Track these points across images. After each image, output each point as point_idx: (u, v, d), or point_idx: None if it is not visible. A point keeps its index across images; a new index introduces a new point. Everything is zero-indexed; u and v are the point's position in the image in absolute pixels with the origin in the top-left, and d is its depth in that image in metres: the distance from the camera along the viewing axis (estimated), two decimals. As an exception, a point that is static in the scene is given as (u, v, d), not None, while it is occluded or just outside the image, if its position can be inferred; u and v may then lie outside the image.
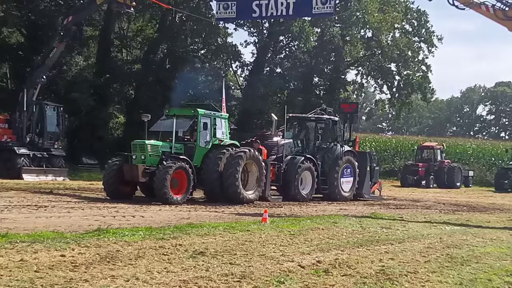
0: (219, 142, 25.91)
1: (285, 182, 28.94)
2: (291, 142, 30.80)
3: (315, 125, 31.92)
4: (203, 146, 25.47)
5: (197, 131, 25.31)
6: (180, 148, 24.99)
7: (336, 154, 31.05)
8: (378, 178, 35.47)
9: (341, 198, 30.76)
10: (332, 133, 31.96)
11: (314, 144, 31.50)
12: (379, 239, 15.44)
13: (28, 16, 44.76)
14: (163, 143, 24.78)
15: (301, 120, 32.97)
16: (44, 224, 15.24)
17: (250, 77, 57.58)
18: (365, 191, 32.87)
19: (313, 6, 31.57)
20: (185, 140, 25.58)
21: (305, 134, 32.05)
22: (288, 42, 58.29)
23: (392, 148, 71.59)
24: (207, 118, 25.61)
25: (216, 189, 25.34)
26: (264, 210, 19.19)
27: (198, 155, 25.28)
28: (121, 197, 23.85)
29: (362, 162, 32.53)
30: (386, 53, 56.50)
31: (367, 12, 51.45)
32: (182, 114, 25.85)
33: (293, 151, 30.40)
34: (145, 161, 23.95)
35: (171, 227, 15.45)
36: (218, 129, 26.10)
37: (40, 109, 36.92)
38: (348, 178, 31.45)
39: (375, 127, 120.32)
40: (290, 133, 31.72)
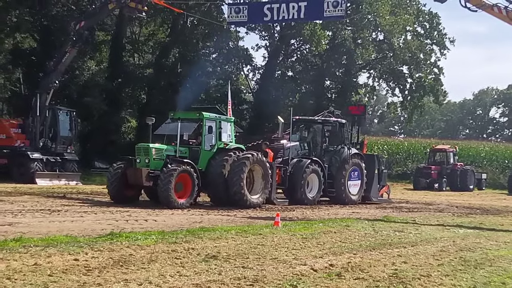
0: (225, 145, 25.62)
1: (291, 185, 28.73)
2: (298, 145, 30.54)
3: (322, 128, 31.68)
4: (208, 150, 25.22)
5: (202, 135, 25.10)
6: (185, 152, 24.81)
7: (343, 157, 30.82)
8: (387, 181, 35.14)
9: (348, 201, 30.50)
10: (339, 135, 31.65)
11: (321, 146, 31.32)
12: (391, 243, 15.41)
13: (40, 22, 44.97)
14: (167, 146, 24.66)
15: (308, 122, 32.75)
16: (57, 228, 15.29)
17: (262, 80, 57.63)
18: (373, 194, 32.71)
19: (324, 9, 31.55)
20: (190, 144, 25.36)
21: (312, 137, 31.86)
22: (299, 46, 58.32)
23: (404, 151, 71.34)
24: (212, 121, 25.37)
25: (221, 193, 25.07)
26: (276, 213, 19.18)
27: (203, 159, 25.06)
28: (125, 201, 23.75)
29: (370, 165, 32.34)
30: (398, 56, 56.38)
31: (378, 15, 51.38)
32: (187, 117, 25.50)
33: (299, 154, 30.17)
34: (149, 164, 23.83)
35: (183, 231, 15.47)
36: (224, 133, 25.83)
37: (53, 114, 37.08)
38: (356, 181, 31.18)
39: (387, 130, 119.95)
40: (297, 136, 31.48)
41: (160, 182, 22.94)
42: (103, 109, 46.29)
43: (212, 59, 56.25)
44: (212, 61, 56.15)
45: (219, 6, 50.79)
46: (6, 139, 35.12)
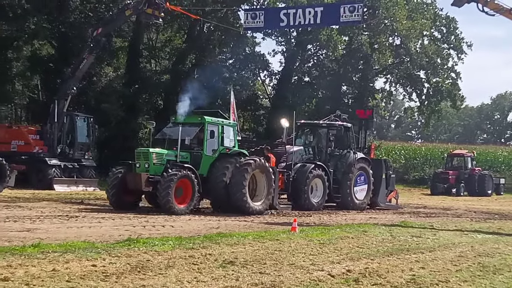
0: (227, 150, 24.90)
1: (295, 190, 28.27)
2: (302, 149, 30.18)
3: (327, 132, 31.23)
4: (210, 155, 24.54)
5: (204, 139, 24.44)
6: (186, 157, 24.18)
7: (349, 161, 30.39)
8: (395, 186, 34.44)
9: (354, 206, 30.03)
10: (345, 139, 31.23)
11: (326, 151, 30.74)
12: (409, 248, 15.36)
13: (58, 29, 45.24)
14: (168, 151, 24.05)
15: (312, 126, 32.47)
16: (75, 234, 15.35)
17: (278, 86, 57.65)
18: (381, 200, 32.13)
19: (341, 15, 31.59)
20: (192, 149, 24.67)
21: (317, 141, 31.53)
22: (316, 51, 58.30)
23: (421, 156, 71.13)
24: (215, 126, 24.73)
25: (222, 199, 24.37)
26: (294, 219, 19.16)
27: (205, 164, 24.44)
28: (125, 207, 23.26)
29: (377, 170, 31.84)
30: (415, 61, 56.23)
31: (395, 20, 51.28)
32: (189, 121, 24.97)
33: (303, 159, 29.74)
34: (149, 169, 23.23)
35: (200, 236, 15.49)
36: (226, 138, 25.14)
37: (70, 120, 37.27)
38: (362, 186, 30.67)
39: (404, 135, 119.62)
40: (301, 140, 31.22)
41: (159, 188, 22.45)
42: (120, 115, 46.47)
43: (228, 65, 56.35)
44: (229, 66, 56.25)
45: (236, 12, 50.93)
46: (25, 145, 35.32)
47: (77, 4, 47.01)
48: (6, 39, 45.61)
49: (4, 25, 44.87)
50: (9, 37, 45.62)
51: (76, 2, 46.92)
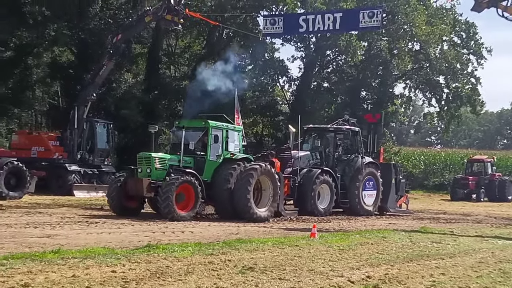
0: (231, 156, 24.42)
1: (301, 196, 27.94)
2: (308, 154, 29.84)
3: (334, 136, 30.84)
4: (214, 160, 24.11)
5: (208, 144, 23.97)
6: (190, 162, 23.76)
7: (357, 166, 29.95)
8: (405, 191, 33.94)
9: (363, 212, 29.55)
10: (353, 144, 30.88)
11: (333, 156, 30.37)
12: (429, 254, 15.31)
13: (78, 35, 45.47)
14: (171, 156, 23.73)
15: (319, 131, 32.15)
16: (95, 240, 15.42)
17: (297, 92, 57.61)
18: (390, 205, 31.53)
19: (360, 20, 31.51)
20: (196, 153, 24.22)
21: (325, 146, 31.03)
22: (335, 57, 58.21)
23: (441, 162, 70.86)
24: (219, 130, 24.30)
25: (226, 205, 23.86)
26: (313, 225, 19.14)
27: (208, 169, 23.98)
28: (127, 213, 22.88)
29: (387, 174, 31.29)
30: (434, 66, 56.00)
31: (414, 25, 51.09)
32: (193, 125, 24.44)
33: (310, 164, 29.40)
34: (151, 174, 22.85)
35: (220, 242, 15.51)
36: (231, 142, 24.68)
37: (90, 126, 37.41)
38: (371, 191, 30.21)
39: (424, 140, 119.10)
40: (308, 145, 30.89)
41: (160, 193, 22.05)
42: (139, 121, 46.56)
43: (247, 71, 56.37)
44: (248, 72, 56.26)
45: (255, 18, 50.95)
46: (45, 151, 35.48)
47: (97, 11, 47.22)
48: (27, 46, 45.90)
49: (25, 32, 45.13)
50: (30, 44, 45.91)
51: (96, 9, 47.13)
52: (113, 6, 49.09)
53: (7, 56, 45.65)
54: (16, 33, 44.39)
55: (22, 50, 45.67)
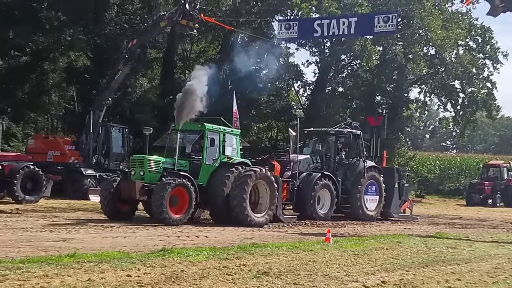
0: (228, 159, 23.77)
1: (300, 200, 27.30)
2: (309, 158, 29.19)
3: (335, 140, 30.04)
4: (210, 164, 23.43)
5: (204, 147, 23.37)
6: (185, 165, 23.20)
7: (358, 170, 29.35)
8: (408, 196, 33.24)
9: (365, 217, 28.84)
10: (355, 147, 30.26)
11: (334, 159, 29.70)
12: (444, 259, 15.26)
13: (94, 40, 45.70)
14: (165, 158, 23.10)
15: (320, 134, 31.42)
16: (110, 244, 15.46)
17: (312, 96, 57.64)
18: (394, 210, 30.85)
19: (375, 25, 31.48)
20: (192, 157, 23.74)
21: (326, 150, 30.44)
22: (350, 61, 58.21)
23: (457, 167, 70.65)
24: (216, 133, 23.70)
25: (222, 210, 23.18)
26: (328, 230, 19.12)
27: (204, 173, 23.31)
28: (120, 217, 22.31)
29: (389, 179, 30.53)
30: (449, 71, 55.89)
31: (430, 30, 50.99)
32: (189, 128, 23.96)
33: (310, 168, 28.82)
34: (144, 177, 22.27)
35: (234, 247, 15.52)
36: (228, 146, 24.01)
37: (106, 130, 37.52)
38: (373, 195, 29.51)
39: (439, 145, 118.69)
40: (309, 149, 30.29)
41: (153, 196, 21.48)
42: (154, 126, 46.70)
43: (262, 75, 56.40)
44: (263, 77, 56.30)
45: (269, 22, 51.07)
46: (61, 156, 35.63)
47: (112, 16, 47.45)
48: (43, 51, 46.25)
49: (41, 37, 45.49)
50: (46, 49, 46.25)
51: (111, 14, 47.37)
52: (129, 11, 49.31)
53: (23, 61, 46.07)
54: (32, 38, 44.77)
55: (39, 55, 46.04)
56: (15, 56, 46.56)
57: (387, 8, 49.11)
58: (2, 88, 45.15)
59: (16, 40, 44.28)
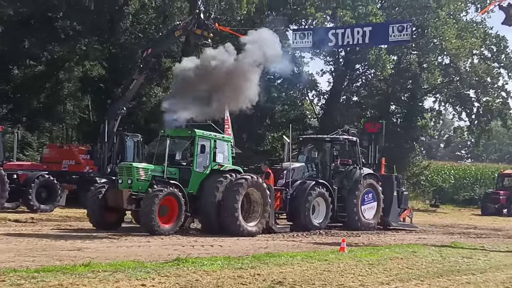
0: (219, 167, 23.00)
1: (293, 209, 26.24)
2: (303, 166, 28.15)
3: (330, 147, 28.92)
4: (200, 171, 22.67)
5: (194, 154, 22.56)
6: (174, 173, 22.43)
7: (355, 178, 28.35)
8: (408, 204, 32.35)
9: (362, 226, 27.87)
10: (351, 155, 29.31)
11: (329, 167, 28.58)
12: (460, 269, 15.19)
13: (109, 50, 45.92)
14: (154, 166, 22.33)
15: (316, 141, 30.74)
16: (125, 254, 15.50)
17: (327, 105, 57.67)
18: (393, 219, 29.79)
19: (389, 34, 31.53)
20: (182, 164, 22.93)
21: (321, 157, 29.42)
22: (364, 70, 58.21)
23: (471, 176, 70.33)
24: (206, 140, 22.87)
25: (213, 219, 22.44)
26: (342, 239, 19.09)
27: (194, 181, 22.54)
28: (107, 227, 21.80)
29: (388, 187, 29.52)
30: (464, 80, 55.77)
31: (444, 39, 50.88)
32: (178, 135, 23.50)
33: (305, 176, 27.71)
34: (132, 186, 21.49)
35: (249, 256, 15.51)
36: (219, 153, 23.24)
37: (120, 140, 37.59)
38: (371, 204, 28.52)
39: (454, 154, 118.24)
40: (304, 157, 29.50)
41: (142, 205, 20.80)
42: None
43: (277, 85, 56.47)
44: (277, 86, 56.36)
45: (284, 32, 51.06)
46: (75, 165, 35.71)
47: (127, 26, 47.67)
48: (58, 60, 46.51)
49: (56, 47, 45.74)
50: (61, 58, 46.51)
51: (126, 24, 47.58)
52: (144, 21, 49.48)
53: (39, 70, 46.34)
54: (48, 47, 45.04)
55: (54, 64, 46.32)
56: (30, 65, 46.85)
57: (401, 17, 49.16)
58: (18, 98, 45.51)
59: (31, 49, 44.56)
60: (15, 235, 19.29)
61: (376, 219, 29.02)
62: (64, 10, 44.47)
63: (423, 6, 51.25)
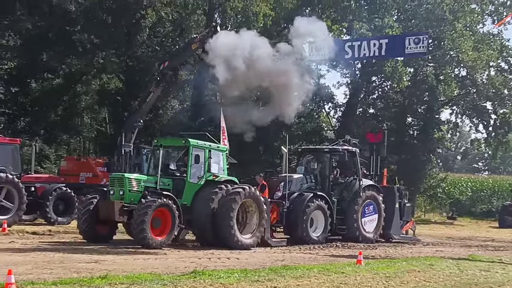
0: (214, 177, 22.53)
1: (290, 222, 25.49)
2: (301, 177, 27.43)
3: (329, 158, 28.21)
4: (195, 182, 22.16)
5: (188, 165, 22.07)
6: (168, 184, 21.97)
7: (355, 189, 27.64)
8: (410, 216, 31.63)
9: (363, 239, 27.14)
10: (351, 166, 28.47)
11: (328, 179, 27.82)
12: (477, 283, 15.13)
13: (126, 63, 46.15)
14: (147, 177, 21.99)
15: (314, 152, 30.29)
16: (141, 266, 15.54)
17: (343, 118, 57.58)
18: (394, 231, 29.17)
19: (405, 46, 31.48)
20: (175, 175, 22.50)
21: (321, 169, 28.55)
22: (380, 83, 58.09)
23: (489, 188, 69.95)
24: (201, 150, 22.40)
25: (207, 231, 22.01)
26: (359, 252, 19.05)
27: (188, 192, 22.07)
28: (98, 240, 21.43)
29: (389, 198, 28.89)
30: (481, 92, 55.53)
31: (461, 51, 50.74)
32: (171, 144, 23.24)
33: (303, 188, 27.04)
34: (124, 197, 21.00)
35: (266, 269, 15.52)
36: (214, 163, 22.68)
37: (137, 152, 37.69)
38: (371, 216, 27.82)
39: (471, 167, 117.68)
40: (302, 168, 28.70)
41: (134, 217, 20.28)
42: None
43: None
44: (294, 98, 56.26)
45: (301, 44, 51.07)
46: (93, 177, 35.81)
47: (144, 39, 47.90)
48: (76, 73, 46.85)
49: (74, 60, 46.05)
50: (79, 71, 46.85)
51: (143, 37, 47.81)
52: (160, 34, 49.69)
53: (56, 83, 46.68)
54: (65, 61, 45.42)
55: (71, 77, 46.70)
56: (48, 78, 47.27)
57: (418, 29, 49.00)
58: (36, 111, 45.85)
59: (49, 62, 44.97)
60: (32, 248, 19.40)
61: (377, 232, 28.36)
62: (81, 23, 44.88)
63: (440, 18, 51.12)
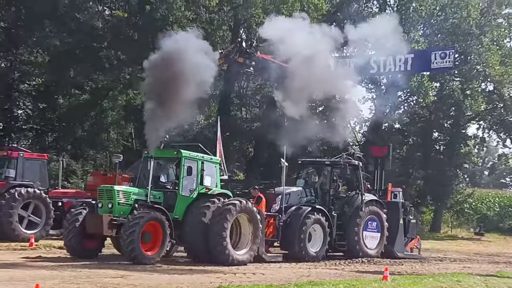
0: (207, 190, 21.82)
1: (287, 237, 24.63)
2: (300, 191, 26.78)
3: (330, 171, 27.42)
4: (187, 195, 21.51)
5: (180, 177, 21.45)
6: (159, 197, 21.36)
7: (356, 204, 26.88)
8: (415, 233, 30.53)
9: (364, 256, 26.26)
10: (353, 180, 27.92)
11: (329, 192, 27.03)
12: (505, 299, 14.99)
13: (152, 78, 46.36)
14: (137, 189, 21.32)
15: (315, 165, 29.30)
16: (167, 281, 15.58)
17: (369, 133, 57.39)
18: (398, 248, 28.16)
19: (432, 61, 31.45)
20: (166, 187, 21.98)
21: (321, 182, 27.81)
22: (406, 97, 57.87)
23: (517, 204, 69.31)
24: (193, 161, 21.74)
25: (199, 247, 21.32)
26: (385, 268, 18.94)
27: (180, 206, 21.37)
28: (85, 255, 20.72)
29: (393, 214, 28.04)
30: (508, 106, 55.16)
31: (488, 65, 50.50)
32: (163, 156, 22.24)
33: (302, 201, 26.33)
34: (113, 210, 20.35)
35: (291, 284, 15.50)
36: (207, 176, 21.99)
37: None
38: (373, 232, 27.06)
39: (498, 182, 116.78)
40: (301, 181, 28.08)
41: (123, 231, 19.66)
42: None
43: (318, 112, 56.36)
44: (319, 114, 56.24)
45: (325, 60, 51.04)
46: (118, 192, 36.02)
47: (170, 54, 48.13)
48: (102, 89, 47.21)
49: (101, 76, 46.45)
50: (105, 87, 47.20)
51: (169, 53, 48.04)
52: (186, 50, 49.89)
53: (83, 99, 47.08)
54: (92, 76, 45.87)
55: (98, 93, 47.07)
56: (75, 94, 47.69)
57: (444, 44, 48.86)
58: (63, 126, 46.23)
59: (76, 78, 45.38)
60: (59, 262, 19.50)
61: (379, 249, 27.50)
62: (108, 40, 45.30)
63: (466, 32, 50.89)
